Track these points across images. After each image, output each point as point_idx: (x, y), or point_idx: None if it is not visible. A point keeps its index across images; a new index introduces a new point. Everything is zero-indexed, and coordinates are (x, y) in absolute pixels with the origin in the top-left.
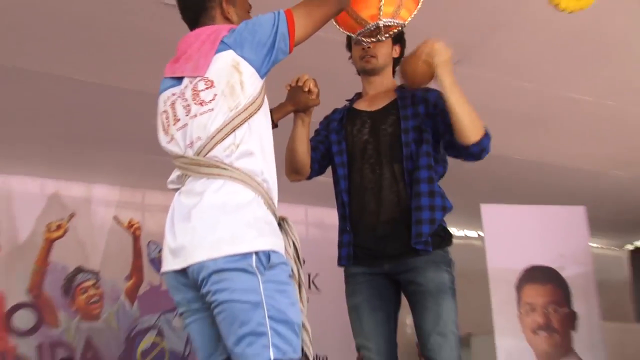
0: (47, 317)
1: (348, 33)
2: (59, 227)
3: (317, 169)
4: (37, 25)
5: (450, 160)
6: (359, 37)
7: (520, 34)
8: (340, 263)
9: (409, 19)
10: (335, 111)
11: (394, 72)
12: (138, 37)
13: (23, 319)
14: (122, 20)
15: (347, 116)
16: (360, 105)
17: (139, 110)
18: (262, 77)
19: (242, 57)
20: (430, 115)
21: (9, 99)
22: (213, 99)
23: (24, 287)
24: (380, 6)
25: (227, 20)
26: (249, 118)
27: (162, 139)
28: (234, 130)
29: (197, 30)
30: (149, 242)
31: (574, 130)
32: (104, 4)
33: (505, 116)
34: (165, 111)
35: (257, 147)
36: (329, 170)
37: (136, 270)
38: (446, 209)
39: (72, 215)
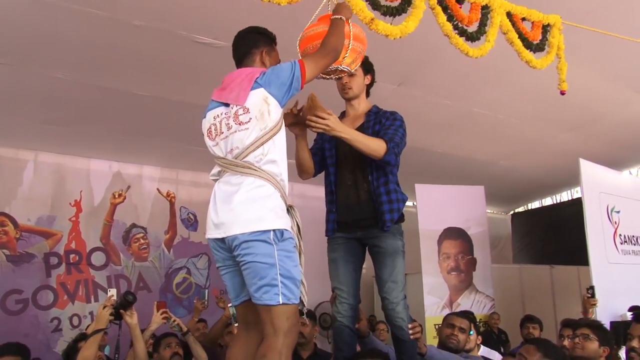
0: (113, 257)
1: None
2: (120, 195)
3: (318, 169)
4: (117, 58)
5: None
6: (326, 75)
7: (442, 65)
8: (327, 234)
9: (355, 67)
10: None
11: (367, 94)
12: (179, 64)
13: (98, 258)
14: (170, 53)
15: None
16: (346, 123)
17: (176, 114)
18: (282, 106)
19: (270, 93)
20: (381, 131)
21: (90, 109)
22: (249, 121)
23: (98, 237)
24: (345, 57)
25: (263, 64)
26: (273, 136)
27: (209, 143)
28: (262, 144)
29: (239, 70)
30: (181, 207)
31: (475, 133)
32: (156, 42)
33: (430, 123)
34: (213, 124)
35: (278, 156)
36: None
37: (172, 227)
38: (402, 201)
39: (128, 187)
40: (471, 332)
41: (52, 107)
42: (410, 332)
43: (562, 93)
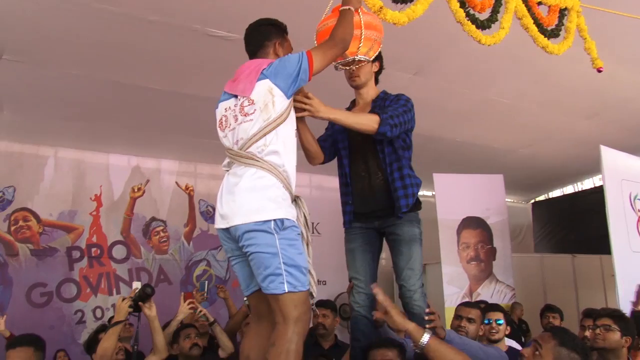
0: (134, 250)
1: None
2: (139, 189)
3: (328, 155)
4: (133, 53)
5: (413, 144)
6: (338, 65)
7: (459, 54)
8: (344, 226)
9: (374, 55)
10: None
11: (376, 81)
12: (194, 58)
13: (119, 252)
14: (185, 48)
15: None
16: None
17: (193, 108)
18: (288, 97)
19: (275, 84)
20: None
21: (108, 105)
22: (253, 112)
23: (118, 230)
24: (359, 47)
25: (276, 56)
26: (277, 127)
27: (220, 134)
28: (265, 135)
29: (249, 62)
30: (199, 200)
31: (494, 122)
32: (171, 37)
33: (448, 111)
34: (224, 116)
35: (280, 147)
36: None
37: (191, 220)
38: (416, 185)
39: (147, 181)
40: (499, 322)
41: (70, 104)
42: (426, 318)
43: (599, 70)
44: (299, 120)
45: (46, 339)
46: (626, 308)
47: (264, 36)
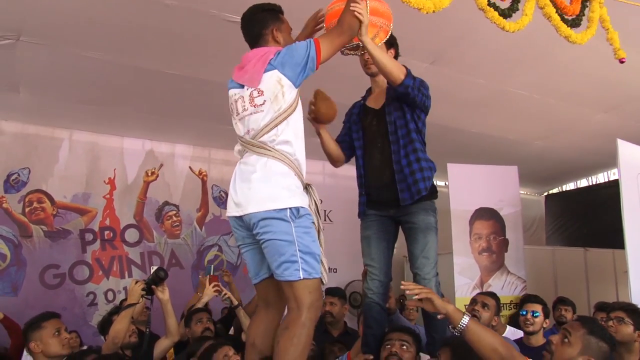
0: (146, 234)
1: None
2: (152, 173)
3: (349, 155)
4: (149, 38)
5: (427, 134)
6: (345, 50)
7: (476, 43)
8: (359, 216)
9: (380, 44)
10: (354, 105)
11: None
12: (210, 43)
13: (131, 235)
14: (202, 33)
15: (362, 111)
16: (370, 102)
17: (208, 93)
18: (297, 87)
19: (283, 74)
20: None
21: (123, 88)
22: (263, 104)
23: (131, 214)
24: None
25: (276, 42)
26: (288, 117)
27: (233, 120)
28: (276, 126)
29: (254, 51)
30: (212, 185)
31: (510, 113)
32: (187, 21)
33: (464, 102)
34: (232, 103)
35: (292, 137)
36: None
37: (204, 205)
38: (430, 169)
39: (161, 165)
40: (535, 314)
41: (86, 87)
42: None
43: (622, 61)
44: (321, 130)
45: None
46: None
47: (260, 25)
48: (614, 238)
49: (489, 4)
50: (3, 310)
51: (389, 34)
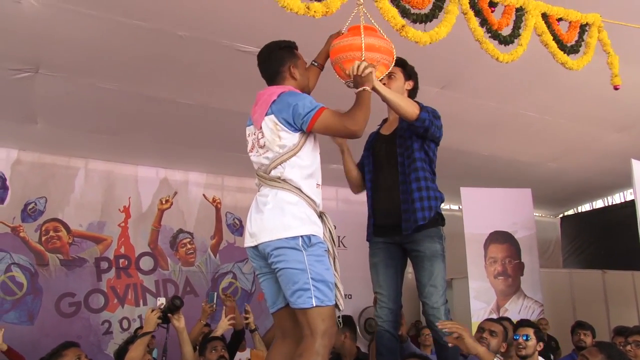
0: (161, 262)
1: (342, 80)
2: (167, 201)
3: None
4: (163, 68)
5: (438, 157)
6: (348, 84)
7: (485, 67)
8: (367, 239)
9: (381, 77)
10: (371, 135)
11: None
12: (222, 72)
13: (146, 263)
14: (214, 62)
15: (375, 138)
16: (383, 130)
17: (220, 121)
18: (295, 132)
19: (278, 120)
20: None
21: (137, 117)
22: (265, 145)
23: (146, 242)
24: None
25: (293, 78)
26: (289, 159)
27: (250, 154)
28: (280, 164)
29: (266, 90)
30: (226, 212)
31: (522, 135)
32: (200, 52)
33: (475, 125)
34: (249, 139)
35: (297, 175)
36: None
37: (218, 232)
38: (436, 199)
39: (175, 193)
40: (526, 337)
41: (101, 117)
42: (442, 329)
43: (616, 88)
44: (344, 149)
45: None
46: None
47: (277, 63)
48: (632, 259)
49: (488, 32)
50: (19, 339)
51: (391, 66)
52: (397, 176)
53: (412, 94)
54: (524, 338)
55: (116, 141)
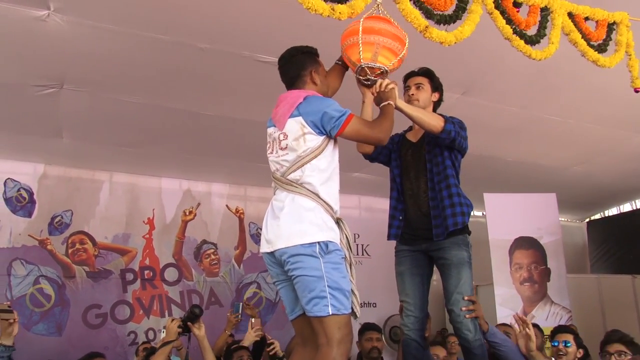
0: (185, 273)
1: (353, 72)
2: (190, 212)
3: (375, 156)
4: (184, 80)
5: (463, 164)
6: (356, 76)
7: (506, 72)
8: (389, 238)
9: (390, 64)
10: (396, 135)
11: (434, 111)
12: (243, 83)
13: (171, 274)
14: (235, 74)
15: (402, 142)
16: (410, 136)
17: (242, 132)
18: (321, 135)
19: (306, 122)
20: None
21: (160, 130)
22: (287, 147)
23: (170, 253)
24: (360, 52)
25: (314, 83)
26: (311, 160)
27: (268, 157)
28: (300, 167)
29: (288, 93)
30: (249, 223)
31: (545, 139)
32: (221, 63)
33: (498, 130)
34: (269, 141)
35: (317, 179)
36: (373, 171)
37: (241, 242)
38: (466, 205)
39: (198, 204)
40: (567, 344)
41: (124, 130)
42: (463, 309)
43: (637, 91)
44: (366, 99)
45: None
46: None
47: (298, 67)
48: None
49: (515, 32)
50: (48, 350)
51: (400, 54)
52: (426, 183)
53: (436, 105)
54: (565, 344)
55: (139, 154)
